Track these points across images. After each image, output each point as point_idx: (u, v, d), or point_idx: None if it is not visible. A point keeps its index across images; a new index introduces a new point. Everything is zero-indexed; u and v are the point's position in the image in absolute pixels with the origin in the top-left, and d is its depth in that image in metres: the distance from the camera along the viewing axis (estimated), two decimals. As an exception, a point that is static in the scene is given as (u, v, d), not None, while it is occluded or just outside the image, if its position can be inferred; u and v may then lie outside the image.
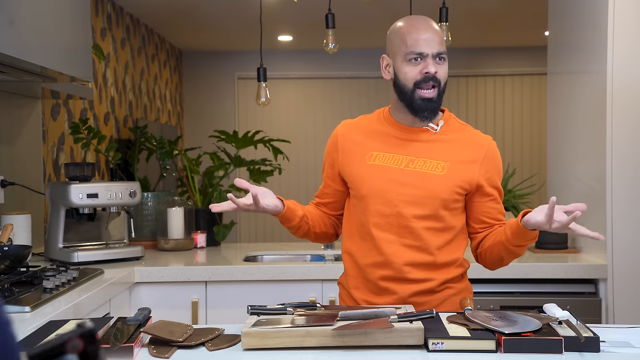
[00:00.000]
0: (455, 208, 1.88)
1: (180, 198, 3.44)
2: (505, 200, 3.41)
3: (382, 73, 1.97)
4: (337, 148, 1.98)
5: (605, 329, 1.74)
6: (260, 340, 1.54)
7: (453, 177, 1.85)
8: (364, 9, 4.65)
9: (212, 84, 6.86)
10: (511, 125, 6.91)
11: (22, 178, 3.03)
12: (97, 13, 4.16)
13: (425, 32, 1.85)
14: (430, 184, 1.84)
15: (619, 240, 2.83)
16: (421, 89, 1.85)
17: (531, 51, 6.57)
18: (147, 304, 2.75)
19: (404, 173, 1.86)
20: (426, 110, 1.86)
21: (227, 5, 4.78)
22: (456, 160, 1.87)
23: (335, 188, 2.02)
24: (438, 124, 1.92)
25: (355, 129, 1.99)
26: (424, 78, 1.84)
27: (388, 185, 1.86)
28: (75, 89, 2.98)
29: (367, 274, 1.91)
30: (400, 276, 1.87)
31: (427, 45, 1.83)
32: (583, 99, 3.13)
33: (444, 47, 1.87)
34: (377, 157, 1.90)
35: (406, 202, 1.85)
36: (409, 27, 1.87)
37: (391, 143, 1.91)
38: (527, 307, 2.67)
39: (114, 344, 1.48)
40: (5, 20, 2.02)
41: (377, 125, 1.97)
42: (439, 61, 1.86)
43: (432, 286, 1.89)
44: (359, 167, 1.91)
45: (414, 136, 1.91)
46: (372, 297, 1.91)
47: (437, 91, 1.86)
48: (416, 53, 1.84)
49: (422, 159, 1.87)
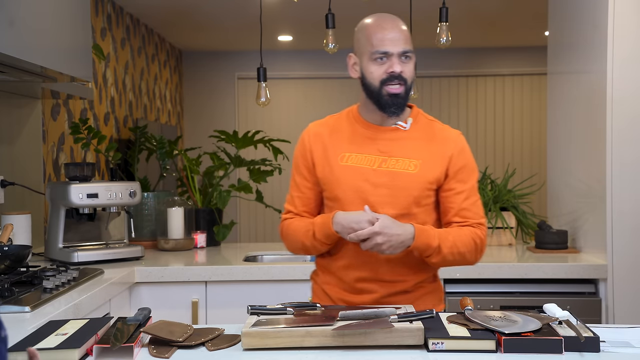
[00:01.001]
0: (427, 204, 1.90)
1: (180, 198, 3.44)
2: (505, 200, 3.41)
3: (349, 71, 1.98)
4: (310, 151, 1.96)
5: (605, 329, 1.74)
6: (260, 340, 1.54)
7: (424, 174, 1.88)
8: (364, 9, 4.64)
9: (212, 84, 6.86)
10: (511, 125, 6.91)
11: (22, 178, 3.03)
12: (97, 13, 4.16)
13: (390, 32, 1.86)
14: (403, 182, 1.86)
15: (619, 240, 2.83)
16: (387, 85, 1.86)
17: (531, 51, 6.57)
18: (147, 304, 2.75)
19: (377, 173, 1.88)
20: (393, 105, 1.87)
21: (227, 5, 4.77)
22: (427, 157, 1.89)
23: (316, 190, 1.98)
24: (407, 122, 1.94)
25: (324, 130, 1.98)
26: (389, 77, 1.86)
27: (363, 186, 1.87)
28: (75, 89, 2.98)
29: (343, 276, 1.92)
30: (377, 277, 1.89)
31: (392, 44, 1.85)
32: (583, 99, 3.13)
33: (410, 46, 1.88)
34: (350, 158, 1.91)
35: (381, 202, 1.86)
36: (375, 26, 1.88)
37: (362, 143, 1.92)
38: (527, 307, 2.68)
39: (114, 344, 1.48)
40: (5, 20, 2.02)
41: (346, 125, 1.97)
42: (404, 60, 1.87)
43: (407, 287, 1.91)
44: (333, 169, 1.91)
45: (385, 135, 1.92)
46: (348, 296, 1.93)
47: (404, 88, 1.87)
48: (381, 52, 1.86)
49: (394, 158, 1.89)
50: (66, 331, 1.58)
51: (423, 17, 4.09)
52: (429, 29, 3.85)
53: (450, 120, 6.82)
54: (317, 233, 1.88)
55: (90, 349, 1.50)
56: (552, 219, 3.51)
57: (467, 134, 6.80)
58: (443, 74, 6.83)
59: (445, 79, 6.88)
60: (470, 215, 1.91)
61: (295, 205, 2.00)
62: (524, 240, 3.48)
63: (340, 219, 1.82)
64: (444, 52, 6.39)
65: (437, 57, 6.56)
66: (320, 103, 6.84)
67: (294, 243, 1.97)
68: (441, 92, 6.87)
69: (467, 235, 1.88)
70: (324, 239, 1.87)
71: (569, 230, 3.26)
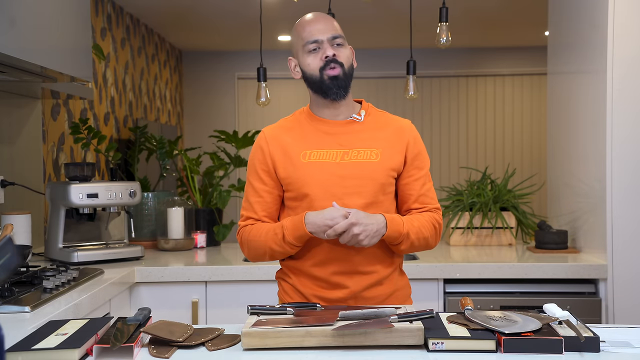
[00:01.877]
0: (391, 192, 1.96)
1: (180, 198, 3.44)
2: (505, 200, 3.41)
3: (292, 75, 2.03)
4: (268, 154, 1.96)
5: (605, 329, 1.74)
6: (260, 340, 1.54)
7: (387, 162, 1.92)
8: (364, 9, 4.65)
9: (212, 84, 6.86)
10: (511, 125, 6.91)
11: (22, 178, 3.03)
12: (97, 13, 4.16)
13: (317, 23, 1.95)
14: (368, 171, 1.90)
15: (619, 240, 2.83)
16: (326, 70, 1.92)
17: (531, 51, 6.57)
18: (147, 304, 2.75)
19: (341, 166, 1.91)
20: (334, 87, 1.92)
21: (227, 5, 4.78)
22: (386, 146, 1.94)
23: (276, 193, 1.98)
24: (360, 114, 1.99)
25: (281, 132, 2.00)
26: (325, 63, 1.92)
27: (329, 179, 1.89)
28: (75, 89, 2.98)
29: (316, 273, 1.93)
30: (351, 269, 1.91)
31: (320, 32, 1.93)
32: (583, 99, 3.13)
33: (339, 32, 1.96)
34: (312, 155, 1.93)
35: (349, 193, 1.89)
36: (302, 23, 1.98)
37: (322, 139, 1.95)
38: (527, 307, 2.68)
39: (114, 344, 1.48)
40: (6, 20, 2.02)
41: (302, 125, 2.00)
42: (336, 46, 1.94)
43: (379, 278, 1.93)
44: (297, 167, 1.92)
45: (342, 129, 1.96)
46: (323, 292, 1.93)
47: (341, 70, 1.93)
48: (312, 41, 1.93)
49: (355, 149, 1.93)
50: (66, 331, 1.58)
51: (423, 17, 4.09)
52: (429, 29, 3.85)
53: (450, 120, 6.82)
54: (288, 236, 1.87)
55: (90, 349, 1.50)
56: (552, 219, 3.51)
57: (467, 134, 6.81)
58: (443, 74, 6.83)
59: (445, 79, 6.88)
60: (428, 201, 1.98)
61: (255, 210, 1.98)
62: (524, 240, 3.48)
63: (313, 219, 1.83)
64: (444, 52, 6.40)
65: (437, 57, 6.56)
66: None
67: (258, 249, 1.95)
68: (441, 92, 6.87)
69: (428, 221, 1.95)
70: (296, 241, 1.88)
71: (569, 230, 3.26)
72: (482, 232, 3.39)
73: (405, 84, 3.36)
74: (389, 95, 6.73)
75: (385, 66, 6.60)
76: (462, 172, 6.50)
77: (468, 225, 3.39)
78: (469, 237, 3.40)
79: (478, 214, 3.39)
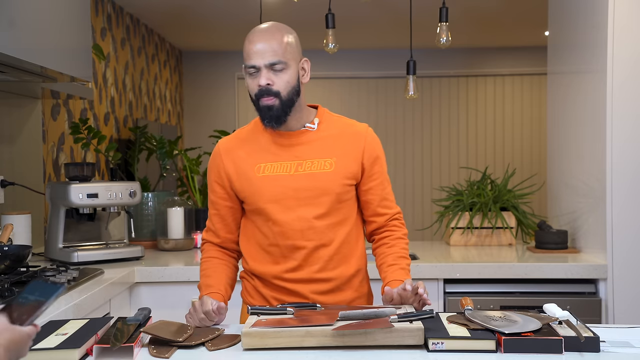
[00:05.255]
0: (349, 199, 1.95)
1: (180, 198, 3.44)
2: (505, 200, 3.41)
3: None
4: (223, 167, 1.96)
5: (605, 329, 1.74)
6: (260, 340, 1.54)
7: (341, 171, 1.91)
8: (364, 9, 4.65)
9: (211, 83, 6.86)
10: (511, 125, 6.91)
11: (22, 178, 3.03)
12: (97, 13, 4.16)
13: (257, 44, 1.85)
14: (322, 182, 1.89)
15: (619, 240, 2.83)
16: (261, 98, 1.86)
17: (531, 51, 6.57)
18: (147, 304, 2.75)
19: (295, 178, 1.89)
20: (267, 118, 1.88)
21: (227, 5, 4.78)
22: (341, 154, 1.92)
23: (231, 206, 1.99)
24: (314, 123, 1.96)
25: (236, 144, 1.98)
26: (259, 91, 1.86)
27: (284, 192, 1.89)
28: (75, 89, 2.98)
29: (278, 282, 1.94)
30: (312, 277, 1.91)
31: (258, 57, 1.84)
32: (583, 99, 3.13)
33: (281, 56, 1.85)
34: (266, 168, 1.92)
35: (304, 205, 1.89)
36: (247, 40, 1.89)
37: (275, 151, 1.93)
38: (527, 307, 2.68)
39: (114, 344, 1.48)
40: (5, 20, 2.02)
41: (258, 136, 1.97)
42: (274, 72, 1.85)
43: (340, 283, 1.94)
44: (251, 181, 1.92)
45: (296, 139, 1.93)
46: (282, 296, 1.94)
47: (276, 100, 1.86)
48: (249, 66, 1.86)
49: (309, 160, 1.91)
50: (66, 331, 1.58)
51: (423, 17, 4.09)
52: (429, 29, 3.85)
53: (450, 120, 6.82)
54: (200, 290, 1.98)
55: (90, 349, 1.50)
56: (552, 219, 3.51)
57: (467, 134, 6.81)
58: (443, 74, 6.83)
59: (445, 79, 6.88)
60: (389, 205, 2.00)
61: (213, 222, 2.03)
62: (524, 240, 3.48)
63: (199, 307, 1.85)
64: (444, 52, 6.39)
65: (437, 57, 6.56)
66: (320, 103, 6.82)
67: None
68: (441, 92, 6.87)
69: (403, 241, 2.00)
70: None
71: (569, 230, 3.26)
72: (482, 232, 3.39)
73: (405, 84, 3.37)
74: (389, 95, 6.73)
75: (385, 66, 6.61)
76: (462, 172, 6.50)
77: (468, 225, 3.39)
78: (469, 237, 3.40)
79: (478, 214, 3.39)
